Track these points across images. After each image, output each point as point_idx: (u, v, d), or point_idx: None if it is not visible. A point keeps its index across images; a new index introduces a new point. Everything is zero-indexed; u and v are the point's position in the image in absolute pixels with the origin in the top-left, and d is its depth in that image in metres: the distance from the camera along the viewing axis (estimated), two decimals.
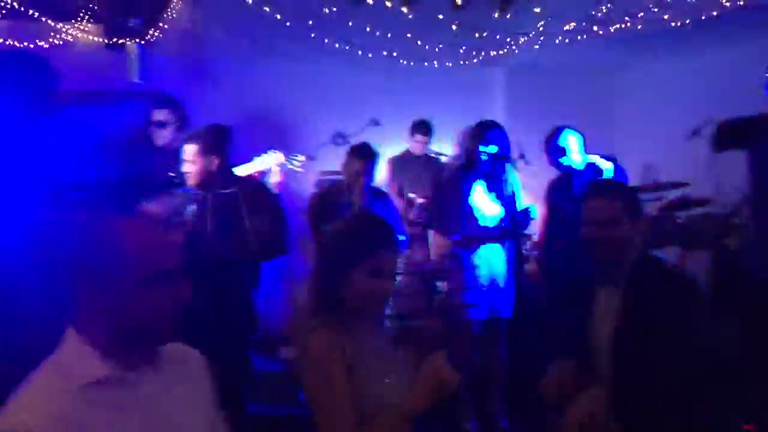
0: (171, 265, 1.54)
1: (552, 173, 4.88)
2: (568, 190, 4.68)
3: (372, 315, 2.17)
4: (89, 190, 5.22)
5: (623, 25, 4.64)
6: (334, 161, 5.55)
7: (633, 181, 5.97)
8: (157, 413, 1.55)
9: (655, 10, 4.28)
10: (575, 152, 4.61)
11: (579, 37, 4.98)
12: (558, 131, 4.66)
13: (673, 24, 4.65)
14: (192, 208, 3.81)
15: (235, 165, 4.90)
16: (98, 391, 1.47)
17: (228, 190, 3.77)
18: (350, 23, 4.79)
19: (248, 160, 4.76)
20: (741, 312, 3.50)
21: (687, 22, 4.60)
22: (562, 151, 4.61)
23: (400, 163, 6.50)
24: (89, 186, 5.57)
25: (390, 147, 6.60)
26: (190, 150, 3.82)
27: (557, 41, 5.13)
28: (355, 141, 5.26)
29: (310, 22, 4.80)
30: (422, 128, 6.42)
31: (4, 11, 4.83)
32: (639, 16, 4.28)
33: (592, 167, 4.64)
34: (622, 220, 2.59)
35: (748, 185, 3.62)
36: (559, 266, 4.62)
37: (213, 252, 3.67)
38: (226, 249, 3.68)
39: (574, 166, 4.62)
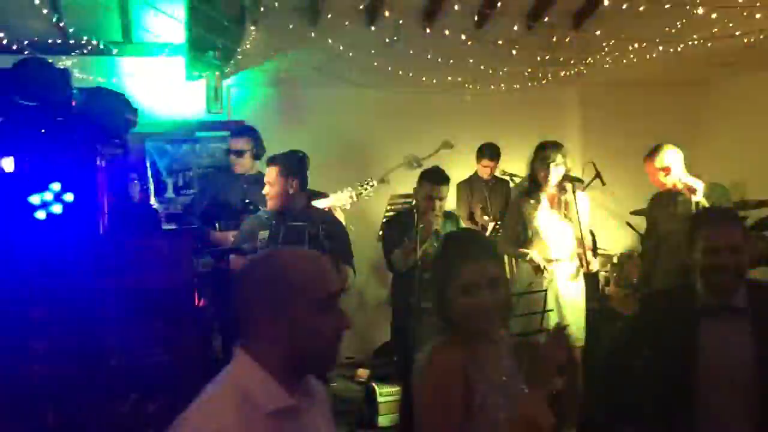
0: (336, 292, 1.62)
1: (627, 191, 4.78)
2: (671, 208, 4.55)
3: (485, 335, 2.04)
4: (179, 216, 5.44)
5: (695, 42, 4.49)
6: (407, 184, 5.57)
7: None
8: None
9: (731, 25, 4.13)
10: (678, 170, 4.46)
11: (648, 56, 4.86)
12: (659, 148, 4.53)
13: (746, 40, 4.48)
14: (264, 234, 3.88)
15: (312, 191, 5.01)
16: (278, 420, 1.51)
17: (300, 223, 3.83)
18: (410, 51, 4.84)
19: (323, 186, 4.85)
20: None
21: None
22: (666, 169, 4.46)
23: (468, 187, 6.45)
24: (175, 213, 5.80)
25: (464, 169, 6.57)
26: (270, 172, 3.92)
27: (632, 59, 5.02)
28: (427, 164, 5.28)
29: (373, 51, 4.87)
30: (488, 152, 6.35)
31: (89, 48, 5.08)
32: (713, 31, 4.14)
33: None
34: (744, 246, 2.56)
35: None
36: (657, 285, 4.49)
37: None
38: None
39: (677, 185, 4.47)
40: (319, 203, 4.42)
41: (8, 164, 3.20)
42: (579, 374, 4.47)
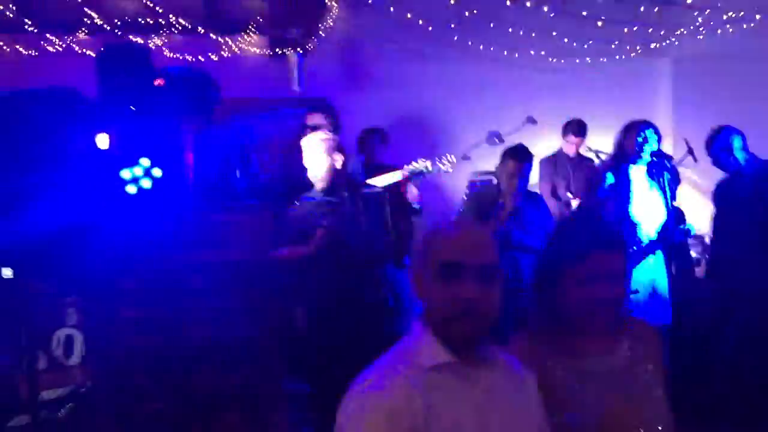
0: (454, 261, 1.66)
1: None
2: (733, 192, 4.34)
3: (597, 330, 1.92)
4: (259, 193, 5.57)
5: None
6: (490, 161, 5.49)
7: None
8: (490, 408, 1.64)
9: None
10: (738, 152, 4.29)
11: (745, 26, 4.58)
12: (720, 131, 4.33)
13: None
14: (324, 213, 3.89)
15: (384, 165, 5.01)
16: (441, 376, 1.60)
17: (374, 191, 3.86)
18: (491, 25, 4.74)
19: (402, 161, 4.84)
20: None
21: None
22: (728, 150, 4.30)
23: (552, 163, 6.30)
24: (259, 189, 5.94)
25: (546, 145, 6.42)
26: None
27: (728, 29, 4.75)
28: (510, 140, 5.18)
29: (453, 26, 4.80)
30: (574, 128, 6.18)
31: (178, 28, 5.22)
32: None
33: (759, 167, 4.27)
34: None
35: None
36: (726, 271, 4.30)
37: (369, 251, 3.78)
38: (379, 247, 3.78)
39: (738, 167, 4.27)
40: (386, 178, 4.44)
41: (103, 141, 3.34)
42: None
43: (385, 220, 3.82)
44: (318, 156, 3.94)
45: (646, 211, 4.35)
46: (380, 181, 4.52)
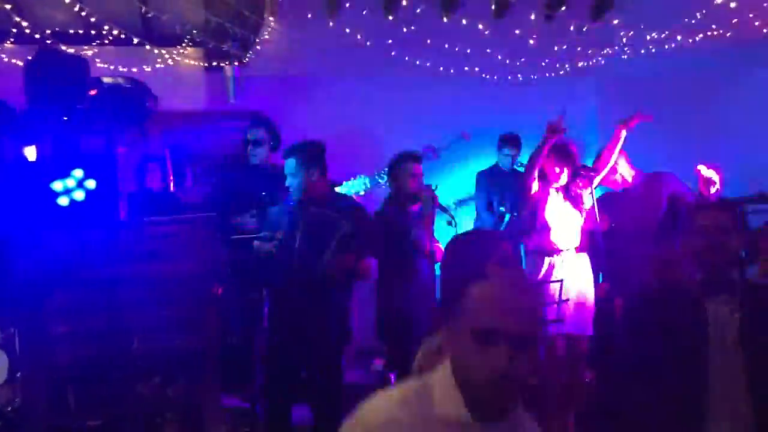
0: (499, 330, 1.50)
1: None
2: (621, 205, 4.71)
3: None
4: (198, 206, 5.50)
5: (714, 33, 4.47)
6: (425, 174, 5.57)
7: (737, 191, 5.72)
8: None
9: (751, 15, 4.11)
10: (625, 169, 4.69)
11: (667, 46, 4.84)
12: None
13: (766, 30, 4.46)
14: (284, 223, 3.90)
15: (332, 181, 5.05)
16: (451, 428, 1.51)
17: (321, 211, 3.86)
18: (428, 41, 4.85)
19: (341, 176, 4.87)
20: None
21: None
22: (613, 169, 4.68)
23: (487, 177, 6.44)
24: (193, 201, 5.86)
25: (483, 160, 6.57)
26: (290, 163, 3.94)
27: (650, 49, 4.99)
28: (445, 155, 5.28)
29: (390, 41, 4.89)
30: (509, 143, 6.34)
31: (110, 38, 5.13)
32: (733, 21, 4.11)
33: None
34: (732, 230, 2.73)
35: None
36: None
37: (301, 268, 3.76)
38: (312, 267, 3.75)
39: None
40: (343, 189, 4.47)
41: (31, 153, 3.26)
42: (582, 363, 4.50)
43: (325, 241, 3.78)
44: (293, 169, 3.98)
45: (569, 221, 4.51)
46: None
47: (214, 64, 5.70)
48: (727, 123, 7.09)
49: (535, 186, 4.54)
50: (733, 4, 3.73)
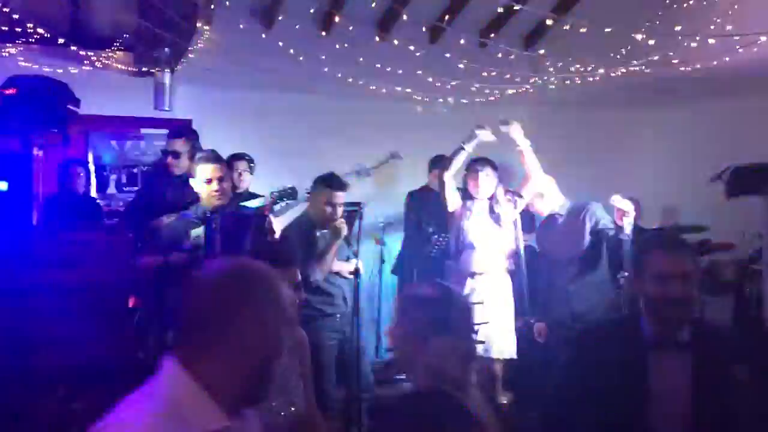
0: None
1: None
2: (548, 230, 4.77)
3: None
4: (120, 214, 5.34)
5: (635, 69, 4.67)
6: (353, 193, 5.57)
7: (654, 223, 5.94)
8: None
9: (670, 53, 4.32)
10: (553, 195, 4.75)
11: (591, 79, 5.02)
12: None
13: (683, 69, 4.70)
14: (198, 231, 3.81)
15: (251, 194, 5.00)
16: None
17: (235, 213, 3.82)
18: (360, 59, 4.89)
19: (264, 191, 4.83)
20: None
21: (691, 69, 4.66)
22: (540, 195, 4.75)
23: (418, 197, 6.50)
24: (115, 209, 5.69)
25: (414, 180, 6.62)
26: (221, 169, 3.87)
27: (576, 80, 5.17)
28: (376, 173, 5.30)
29: (323, 57, 4.89)
30: (439, 164, 6.42)
31: (35, 38, 4.97)
32: (654, 59, 4.30)
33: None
34: (695, 275, 2.36)
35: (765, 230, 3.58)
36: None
37: None
38: None
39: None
40: (252, 202, 4.45)
41: None
42: (498, 386, 4.56)
43: (242, 247, 3.73)
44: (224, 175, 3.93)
45: (493, 243, 4.59)
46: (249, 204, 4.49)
47: (144, 69, 5.57)
48: (643, 153, 7.40)
49: (451, 202, 4.62)
50: (651, 42, 3.89)
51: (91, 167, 6.19)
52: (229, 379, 1.44)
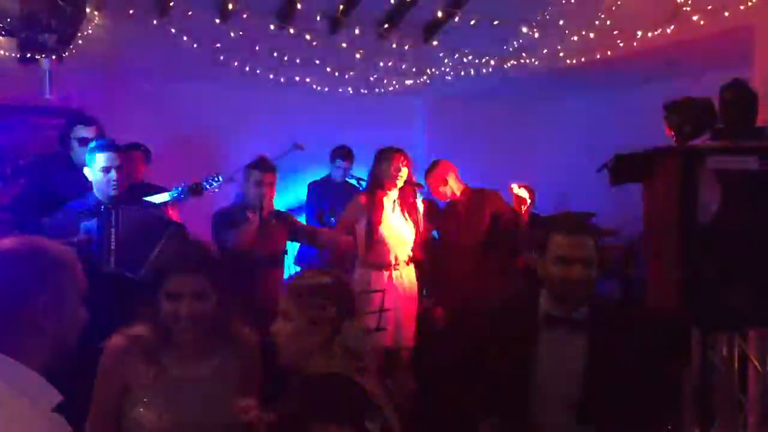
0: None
1: None
2: (450, 217, 5.00)
3: (184, 342, 2.23)
4: (6, 207, 5.06)
5: (525, 61, 4.87)
6: None
7: (546, 209, 6.19)
8: None
9: (558, 47, 4.52)
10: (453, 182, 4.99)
11: (484, 71, 5.19)
12: (437, 165, 5.04)
13: (569, 62, 4.93)
14: (89, 224, 3.66)
15: (151, 186, 4.87)
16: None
17: (136, 207, 3.71)
18: (257, 47, 4.86)
19: (167, 182, 4.72)
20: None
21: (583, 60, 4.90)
22: (444, 181, 4.99)
23: (319, 188, 6.51)
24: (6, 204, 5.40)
25: (316, 170, 6.63)
26: (113, 158, 3.73)
27: (470, 72, 5.32)
28: (277, 164, 5.24)
29: (218, 45, 4.83)
30: (341, 154, 6.45)
31: None
32: (543, 52, 4.49)
33: None
34: (595, 260, 2.50)
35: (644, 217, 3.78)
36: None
37: (115, 268, 3.58)
38: (128, 266, 3.58)
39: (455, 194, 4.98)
40: (154, 198, 4.31)
41: None
42: (408, 373, 4.67)
43: (140, 241, 3.60)
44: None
45: (397, 234, 4.66)
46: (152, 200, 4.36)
47: (29, 56, 5.30)
48: (537, 144, 7.69)
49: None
50: (536, 35, 4.06)
51: None
52: (56, 354, 1.54)
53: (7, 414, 1.39)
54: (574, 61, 4.86)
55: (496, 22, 3.88)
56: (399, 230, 4.65)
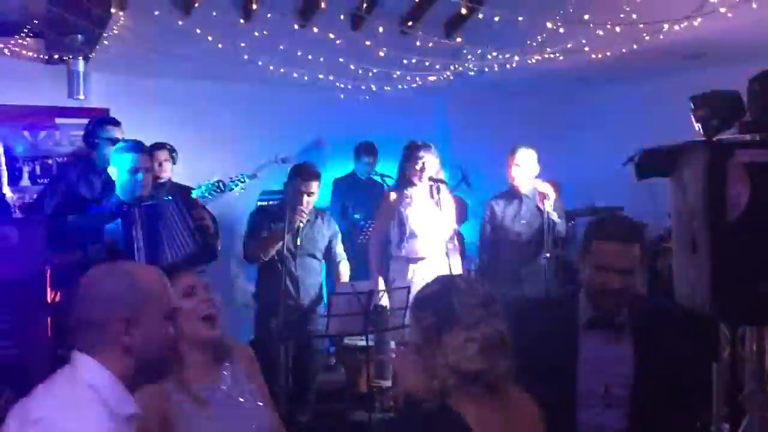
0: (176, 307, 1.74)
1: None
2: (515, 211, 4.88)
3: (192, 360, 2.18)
4: (32, 206, 5.14)
5: (549, 56, 4.84)
6: (278, 180, 5.55)
7: (572, 203, 6.14)
8: None
9: (583, 41, 4.49)
10: (529, 169, 4.84)
11: (509, 66, 5.17)
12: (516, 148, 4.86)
13: (594, 56, 4.89)
14: (112, 225, 3.67)
15: (178, 185, 4.91)
16: (129, 427, 1.59)
17: (154, 202, 3.72)
18: (281, 47, 4.87)
19: (191, 180, 4.76)
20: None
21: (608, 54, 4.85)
22: (517, 165, 4.85)
23: (344, 184, 6.53)
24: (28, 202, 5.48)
25: (335, 168, 6.64)
26: (143, 159, 3.75)
27: (494, 67, 5.30)
28: (298, 161, 5.28)
29: (243, 44, 4.85)
30: (367, 150, 6.48)
31: None
32: (568, 46, 4.46)
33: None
34: (638, 269, 2.39)
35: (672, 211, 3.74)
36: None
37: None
38: (156, 262, 3.59)
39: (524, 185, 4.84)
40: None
41: None
42: None
43: (163, 238, 3.62)
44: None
45: (429, 227, 4.68)
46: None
47: (57, 57, 5.38)
48: (562, 138, 7.62)
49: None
50: (561, 29, 4.04)
51: (2, 159, 5.94)
52: (135, 367, 1.62)
53: (80, 416, 1.50)
54: (600, 56, 4.83)
55: (520, 18, 3.86)
56: (431, 224, 4.67)
